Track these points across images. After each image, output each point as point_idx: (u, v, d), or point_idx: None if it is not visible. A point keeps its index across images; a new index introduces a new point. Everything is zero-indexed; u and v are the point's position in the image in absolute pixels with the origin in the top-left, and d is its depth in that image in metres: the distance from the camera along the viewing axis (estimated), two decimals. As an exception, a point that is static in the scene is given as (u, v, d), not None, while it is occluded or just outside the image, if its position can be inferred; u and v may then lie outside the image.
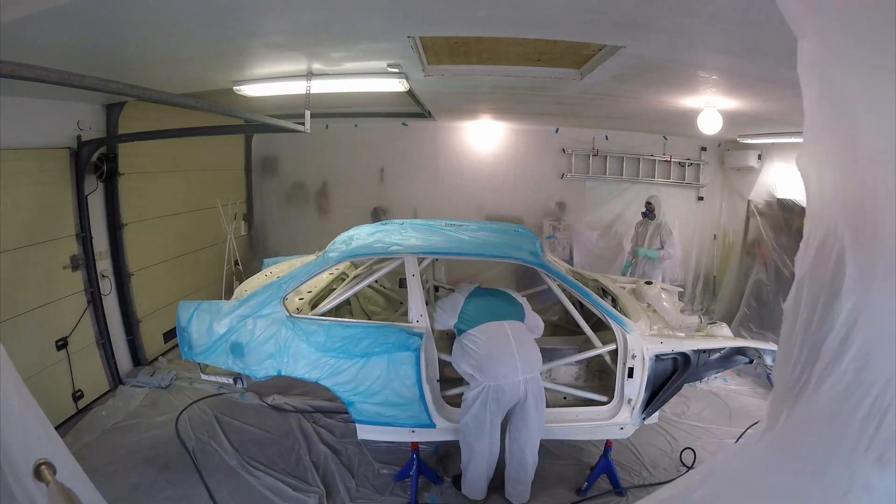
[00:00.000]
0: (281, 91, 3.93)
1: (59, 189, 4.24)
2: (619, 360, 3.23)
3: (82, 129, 4.36)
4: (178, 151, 5.68)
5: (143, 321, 5.27)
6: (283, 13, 2.35)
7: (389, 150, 7.55)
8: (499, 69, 3.50)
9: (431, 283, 4.61)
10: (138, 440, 4.02)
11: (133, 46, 2.79)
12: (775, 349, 3.30)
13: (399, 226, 3.98)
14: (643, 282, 4.23)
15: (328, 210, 7.89)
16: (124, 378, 4.94)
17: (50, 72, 1.80)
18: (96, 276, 4.61)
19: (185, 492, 3.48)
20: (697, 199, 7.42)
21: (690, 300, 7.36)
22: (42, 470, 1.17)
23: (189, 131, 4.46)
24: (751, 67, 2.80)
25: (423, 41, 2.93)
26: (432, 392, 3.18)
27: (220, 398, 4.65)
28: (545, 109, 5.65)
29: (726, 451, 1.65)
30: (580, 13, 2.21)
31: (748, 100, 3.71)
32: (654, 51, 2.70)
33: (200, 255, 6.25)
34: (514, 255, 3.44)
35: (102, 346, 4.71)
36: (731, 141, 6.71)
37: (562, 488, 3.63)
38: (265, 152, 7.81)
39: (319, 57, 3.25)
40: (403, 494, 3.52)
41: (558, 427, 3.36)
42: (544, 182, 7.47)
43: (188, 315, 3.30)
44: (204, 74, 3.65)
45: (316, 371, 3.15)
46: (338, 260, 3.40)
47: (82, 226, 4.43)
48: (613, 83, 3.63)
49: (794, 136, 4.94)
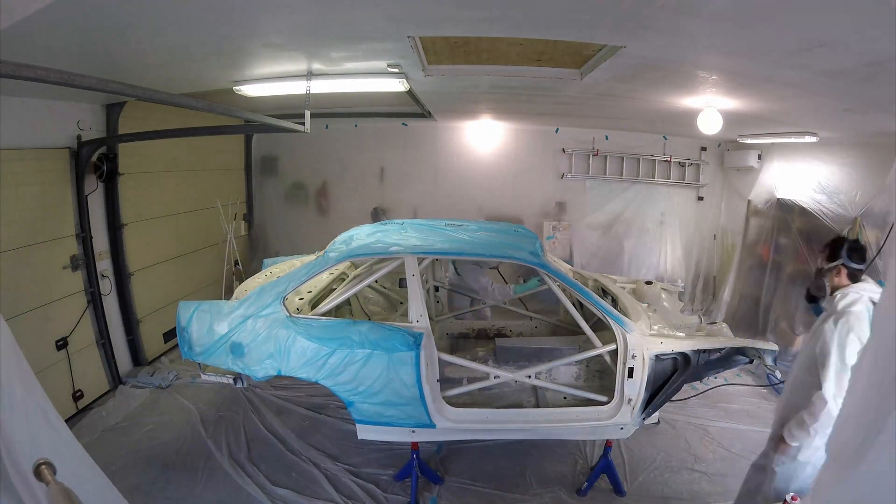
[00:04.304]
0: (281, 91, 3.93)
1: (59, 189, 4.24)
2: (619, 360, 3.23)
3: (82, 129, 4.36)
4: (178, 151, 5.68)
5: (143, 321, 5.27)
6: (283, 13, 2.35)
7: (389, 150, 7.56)
8: (499, 69, 3.50)
9: (431, 283, 4.61)
10: (138, 440, 4.03)
11: (133, 46, 2.78)
12: (776, 349, 3.32)
13: (399, 226, 3.98)
14: (643, 282, 4.23)
15: (328, 210, 7.90)
16: (124, 378, 4.94)
17: (50, 72, 1.80)
18: (96, 276, 4.61)
19: (186, 492, 3.48)
20: (697, 199, 7.43)
21: (690, 300, 7.36)
22: (42, 470, 1.17)
23: (189, 131, 4.46)
24: (751, 67, 2.80)
25: (423, 41, 2.92)
26: (432, 392, 3.18)
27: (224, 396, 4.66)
28: (545, 109, 5.65)
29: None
30: (580, 13, 2.21)
31: (748, 100, 3.71)
32: (654, 51, 2.69)
33: (200, 255, 6.25)
34: (514, 255, 3.44)
35: (102, 346, 4.71)
36: (731, 141, 6.71)
37: (562, 488, 3.64)
38: (265, 152, 7.81)
39: (319, 57, 3.25)
40: (403, 494, 3.52)
41: (558, 427, 3.36)
42: (544, 182, 7.48)
43: (188, 315, 3.30)
44: (204, 74, 3.65)
45: (316, 371, 3.15)
46: (338, 260, 3.40)
47: (82, 226, 4.44)
48: (613, 83, 3.63)
49: (795, 136, 4.94)
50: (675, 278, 7.29)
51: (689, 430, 4.37)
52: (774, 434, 2.76)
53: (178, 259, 5.87)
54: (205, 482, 3.58)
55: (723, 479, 3.75)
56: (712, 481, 3.73)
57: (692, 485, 3.69)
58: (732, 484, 3.70)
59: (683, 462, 3.94)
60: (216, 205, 6.10)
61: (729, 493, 3.61)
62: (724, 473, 3.82)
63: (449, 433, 3.33)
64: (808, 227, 5.25)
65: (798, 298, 5.32)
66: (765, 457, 2.83)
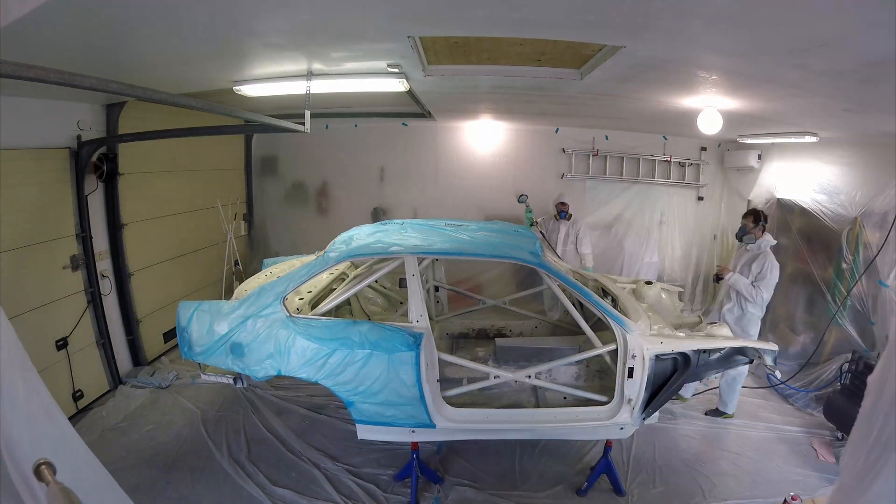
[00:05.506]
0: (281, 91, 3.93)
1: (59, 189, 4.24)
2: (619, 360, 3.23)
3: (82, 129, 4.36)
4: (178, 151, 5.68)
5: (143, 321, 5.27)
6: (283, 13, 2.35)
7: (389, 150, 7.56)
8: (499, 69, 3.50)
9: (431, 283, 4.61)
10: (138, 440, 4.03)
11: (133, 46, 2.78)
12: (776, 349, 3.32)
13: (399, 226, 3.98)
14: (643, 282, 4.23)
15: (328, 210, 7.90)
16: (124, 378, 4.94)
17: (50, 72, 1.80)
18: (96, 276, 4.61)
19: (186, 492, 3.48)
20: (697, 199, 7.43)
21: (690, 300, 7.36)
22: (42, 470, 1.16)
23: (189, 131, 4.46)
24: (751, 67, 2.80)
25: (423, 41, 2.92)
26: (432, 392, 3.18)
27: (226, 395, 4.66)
28: (545, 109, 5.65)
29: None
30: (580, 13, 2.21)
31: (748, 100, 3.71)
32: (654, 51, 2.69)
33: (200, 255, 6.25)
34: (514, 255, 3.44)
35: (102, 346, 4.71)
36: (731, 141, 6.71)
37: (562, 488, 3.64)
38: (265, 152, 7.81)
39: (319, 57, 3.24)
40: (403, 494, 3.52)
41: (558, 427, 3.36)
42: (544, 182, 7.48)
43: (188, 315, 3.30)
44: (204, 74, 3.65)
45: (316, 371, 3.15)
46: (338, 260, 3.40)
47: (82, 226, 4.44)
48: (613, 83, 3.63)
49: (794, 136, 4.94)
50: (674, 278, 7.30)
51: (688, 430, 4.38)
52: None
53: (178, 259, 5.87)
54: (205, 482, 3.58)
55: (723, 479, 3.75)
56: (712, 481, 3.73)
57: (692, 485, 3.69)
58: (732, 484, 3.71)
59: (683, 462, 3.94)
60: (216, 205, 6.10)
61: (729, 493, 3.62)
62: (725, 473, 3.82)
63: (449, 433, 3.33)
64: (808, 227, 5.26)
65: (798, 298, 5.33)
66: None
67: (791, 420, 4.54)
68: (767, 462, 3.95)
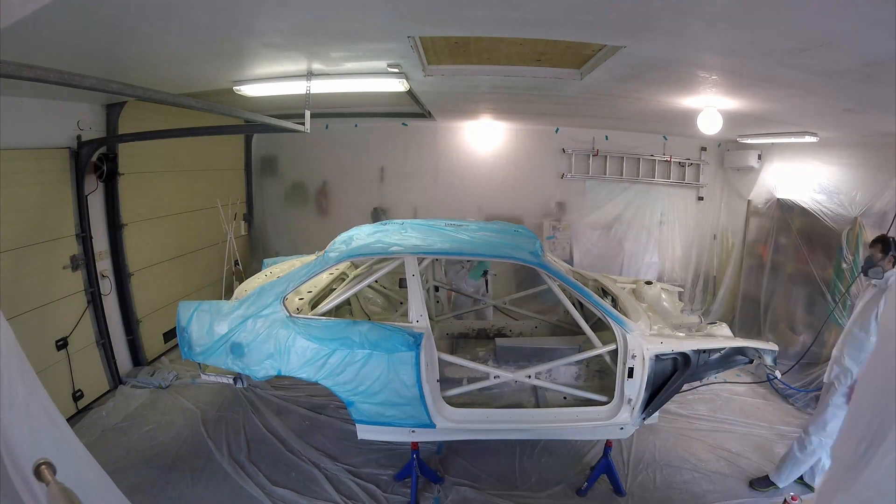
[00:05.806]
0: (281, 91, 3.93)
1: (59, 189, 4.24)
2: (619, 360, 3.23)
3: (82, 129, 4.36)
4: (178, 151, 5.68)
5: (143, 321, 5.27)
6: (283, 13, 2.35)
7: (389, 150, 7.56)
8: (499, 69, 3.50)
9: (431, 283, 4.61)
10: (138, 440, 4.03)
11: (133, 46, 2.78)
12: (775, 349, 3.32)
13: (399, 226, 3.98)
14: (643, 282, 4.23)
15: (328, 210, 7.89)
16: (124, 378, 4.94)
17: (50, 72, 1.80)
18: (96, 276, 4.61)
19: (186, 492, 3.48)
20: (697, 199, 7.42)
21: (690, 300, 7.36)
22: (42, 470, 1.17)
23: (189, 131, 4.46)
24: (751, 67, 2.80)
25: (423, 41, 2.92)
26: (432, 392, 3.18)
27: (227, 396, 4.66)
28: (545, 109, 5.65)
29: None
30: (580, 13, 2.21)
31: (748, 100, 3.71)
32: (654, 51, 2.69)
33: (200, 255, 6.25)
34: (514, 255, 3.44)
35: (102, 346, 4.71)
36: (731, 141, 6.71)
37: (562, 488, 3.64)
38: (265, 152, 7.81)
39: (319, 57, 3.24)
40: (403, 494, 3.52)
41: (558, 427, 3.36)
42: (544, 182, 7.48)
43: (188, 315, 3.30)
44: (204, 74, 3.65)
45: (316, 371, 3.15)
46: (338, 260, 3.40)
47: (82, 226, 4.44)
48: (613, 83, 3.62)
49: (794, 136, 4.94)
50: (674, 278, 7.30)
51: (689, 429, 4.37)
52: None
53: (178, 259, 5.87)
54: (205, 482, 3.58)
55: (723, 479, 3.75)
56: (712, 481, 3.73)
57: (692, 485, 3.69)
58: (732, 484, 3.71)
59: (683, 462, 3.94)
60: (216, 205, 6.09)
61: (729, 493, 3.62)
62: (724, 473, 3.82)
63: (449, 433, 3.33)
64: (808, 227, 5.26)
65: (798, 298, 5.32)
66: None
67: (791, 420, 4.54)
68: (767, 462, 3.95)
